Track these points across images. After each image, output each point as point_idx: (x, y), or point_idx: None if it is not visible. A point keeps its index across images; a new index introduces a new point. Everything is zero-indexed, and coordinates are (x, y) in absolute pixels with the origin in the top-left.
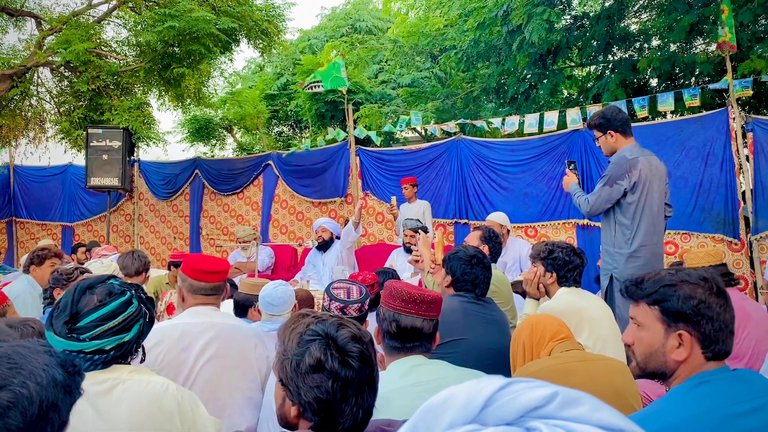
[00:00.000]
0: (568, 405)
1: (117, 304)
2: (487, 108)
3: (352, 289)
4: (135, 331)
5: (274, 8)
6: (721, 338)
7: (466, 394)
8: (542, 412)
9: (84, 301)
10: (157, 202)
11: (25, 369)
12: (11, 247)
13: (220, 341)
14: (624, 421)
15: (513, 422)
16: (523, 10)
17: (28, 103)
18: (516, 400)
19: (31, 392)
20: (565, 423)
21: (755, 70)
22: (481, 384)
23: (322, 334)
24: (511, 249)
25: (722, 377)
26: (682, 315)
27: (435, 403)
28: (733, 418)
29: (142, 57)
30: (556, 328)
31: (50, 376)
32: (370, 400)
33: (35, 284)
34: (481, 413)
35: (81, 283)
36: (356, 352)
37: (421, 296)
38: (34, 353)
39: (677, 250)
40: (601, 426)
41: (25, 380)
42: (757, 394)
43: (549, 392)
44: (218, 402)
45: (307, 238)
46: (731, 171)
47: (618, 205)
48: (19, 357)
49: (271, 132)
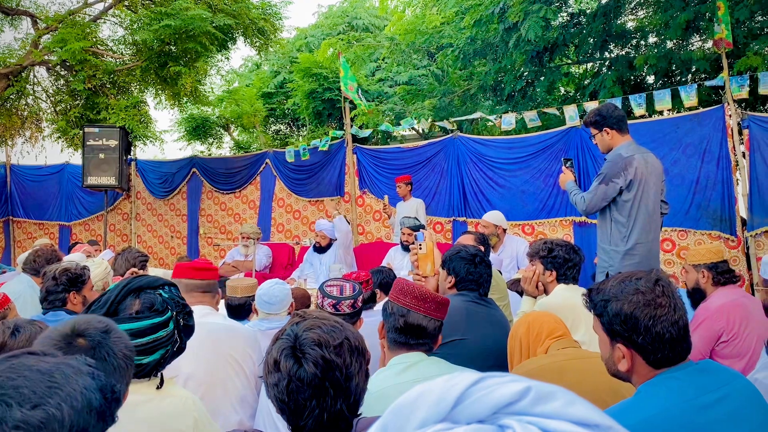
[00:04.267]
0: (541, 400)
1: (149, 323)
2: (485, 106)
3: (345, 287)
4: (156, 356)
5: (271, 6)
6: (659, 348)
7: (437, 392)
8: (515, 408)
9: (125, 303)
10: (154, 201)
11: (63, 390)
12: (8, 247)
13: (213, 342)
14: (599, 415)
15: (486, 419)
16: (519, 7)
17: (25, 102)
18: (488, 396)
19: (64, 415)
20: (538, 419)
21: (751, 67)
22: (453, 380)
23: (290, 335)
24: (508, 247)
25: (687, 372)
26: (612, 331)
27: (406, 401)
28: (700, 409)
29: (139, 55)
30: (552, 325)
31: (87, 401)
32: (338, 405)
33: (34, 284)
34: (453, 411)
35: (132, 282)
36: (313, 356)
37: (432, 296)
38: (76, 373)
39: (674, 248)
40: (575, 421)
41: (61, 402)
42: (721, 384)
43: (522, 387)
44: (213, 401)
45: (304, 237)
46: (727, 168)
47: (614, 202)
48: (60, 376)
49: (269, 130)
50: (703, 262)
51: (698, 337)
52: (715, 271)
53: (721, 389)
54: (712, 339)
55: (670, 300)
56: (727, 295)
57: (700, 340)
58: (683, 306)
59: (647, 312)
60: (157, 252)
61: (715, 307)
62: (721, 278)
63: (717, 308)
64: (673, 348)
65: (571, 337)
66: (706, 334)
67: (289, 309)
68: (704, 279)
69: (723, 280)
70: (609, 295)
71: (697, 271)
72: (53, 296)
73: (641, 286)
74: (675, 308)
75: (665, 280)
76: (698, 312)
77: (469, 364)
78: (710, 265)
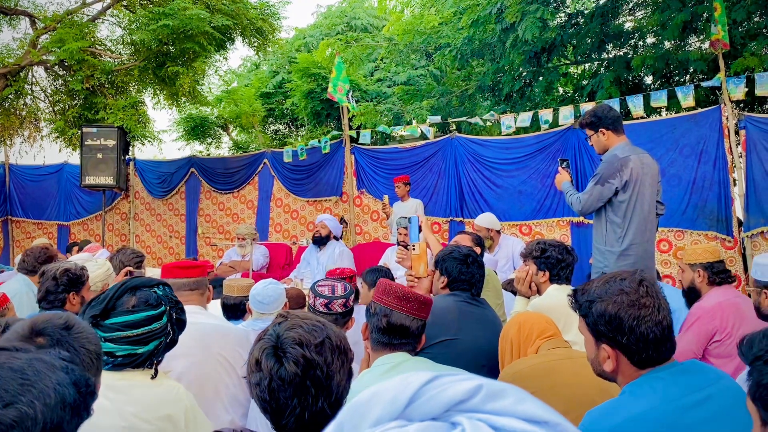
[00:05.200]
0: (492, 398)
1: (144, 316)
2: (483, 106)
3: (337, 286)
4: (150, 347)
5: (269, 6)
6: (643, 348)
7: (392, 391)
8: (467, 405)
9: (123, 300)
10: (152, 201)
11: (36, 387)
12: (7, 246)
13: (204, 342)
14: (549, 413)
15: (438, 417)
16: (516, 8)
17: (23, 102)
18: (441, 395)
19: (37, 413)
20: (488, 416)
21: (749, 67)
22: (409, 379)
23: (272, 335)
24: (503, 247)
25: (671, 372)
26: (597, 331)
27: (361, 400)
28: (684, 410)
29: (137, 55)
30: (543, 325)
31: (60, 397)
32: (319, 404)
33: (31, 284)
34: (407, 409)
35: (130, 281)
36: (294, 355)
37: (414, 295)
38: (49, 369)
39: (671, 248)
40: (524, 418)
41: (33, 399)
42: (705, 384)
43: (473, 385)
44: (204, 400)
45: (301, 237)
46: (724, 169)
47: (609, 203)
48: (33, 373)
49: (267, 130)
50: (699, 262)
51: (691, 336)
52: (711, 270)
53: (705, 389)
54: (705, 338)
55: (654, 300)
56: (722, 295)
57: (693, 339)
58: (667, 306)
59: (631, 312)
60: (156, 252)
61: (709, 307)
62: (717, 278)
63: (711, 308)
64: (658, 348)
65: (561, 338)
66: (699, 334)
67: (284, 309)
68: (700, 279)
69: (719, 280)
70: (594, 296)
71: (692, 270)
72: (53, 296)
73: (625, 286)
74: (659, 308)
75: (649, 280)
76: (692, 311)
77: (460, 364)
78: (706, 264)
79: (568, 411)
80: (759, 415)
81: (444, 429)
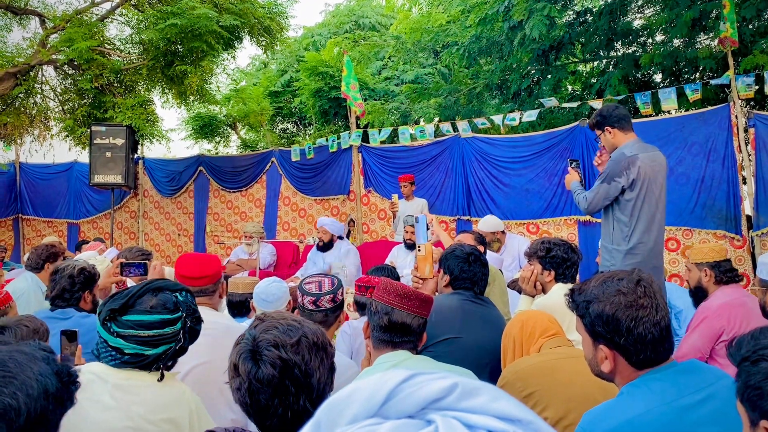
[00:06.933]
0: (466, 396)
1: (158, 319)
2: (491, 104)
3: (324, 282)
4: (158, 351)
5: (277, 5)
6: (641, 349)
7: (369, 389)
8: (442, 404)
9: (143, 299)
10: (161, 199)
11: (17, 378)
12: (18, 244)
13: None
14: (522, 411)
15: (414, 415)
16: (524, 6)
17: (33, 101)
18: (417, 392)
19: (20, 404)
20: (461, 414)
21: (758, 65)
22: (385, 378)
23: (249, 339)
24: (510, 246)
25: (669, 372)
26: (595, 332)
27: (339, 397)
28: (683, 410)
29: (145, 54)
30: (546, 324)
31: (42, 387)
32: (301, 402)
33: (39, 282)
34: (384, 407)
35: (153, 282)
36: (270, 357)
37: (415, 293)
38: (30, 360)
39: (679, 246)
40: (497, 416)
41: (16, 391)
42: (705, 384)
43: (448, 384)
44: (208, 400)
45: (309, 235)
46: (733, 167)
47: (616, 202)
48: (14, 365)
49: (275, 129)
50: (706, 261)
51: (698, 336)
52: (718, 269)
53: (704, 390)
54: (712, 338)
55: (652, 300)
56: (729, 294)
57: (700, 338)
58: (665, 306)
59: (629, 313)
60: (164, 250)
61: (716, 306)
62: (724, 277)
63: (718, 307)
64: (656, 349)
65: (564, 336)
66: (706, 333)
67: (288, 307)
68: (707, 278)
69: (725, 279)
70: (591, 296)
71: (699, 269)
72: (69, 294)
73: (623, 286)
74: (657, 309)
75: (647, 280)
76: (699, 311)
77: (463, 362)
78: (713, 263)
79: (569, 409)
80: (748, 416)
81: (418, 427)
